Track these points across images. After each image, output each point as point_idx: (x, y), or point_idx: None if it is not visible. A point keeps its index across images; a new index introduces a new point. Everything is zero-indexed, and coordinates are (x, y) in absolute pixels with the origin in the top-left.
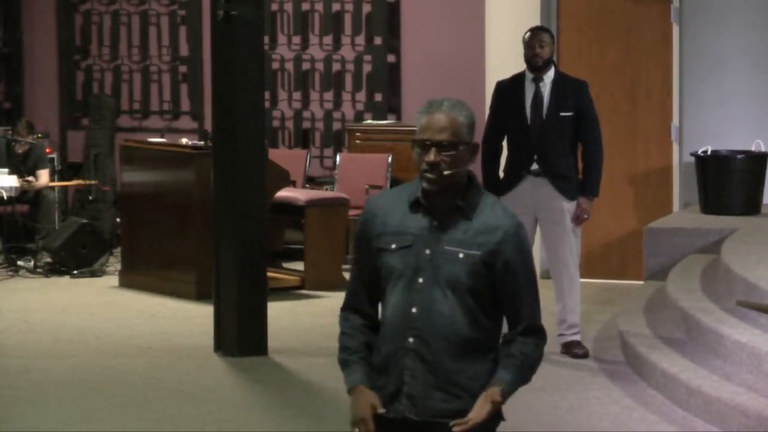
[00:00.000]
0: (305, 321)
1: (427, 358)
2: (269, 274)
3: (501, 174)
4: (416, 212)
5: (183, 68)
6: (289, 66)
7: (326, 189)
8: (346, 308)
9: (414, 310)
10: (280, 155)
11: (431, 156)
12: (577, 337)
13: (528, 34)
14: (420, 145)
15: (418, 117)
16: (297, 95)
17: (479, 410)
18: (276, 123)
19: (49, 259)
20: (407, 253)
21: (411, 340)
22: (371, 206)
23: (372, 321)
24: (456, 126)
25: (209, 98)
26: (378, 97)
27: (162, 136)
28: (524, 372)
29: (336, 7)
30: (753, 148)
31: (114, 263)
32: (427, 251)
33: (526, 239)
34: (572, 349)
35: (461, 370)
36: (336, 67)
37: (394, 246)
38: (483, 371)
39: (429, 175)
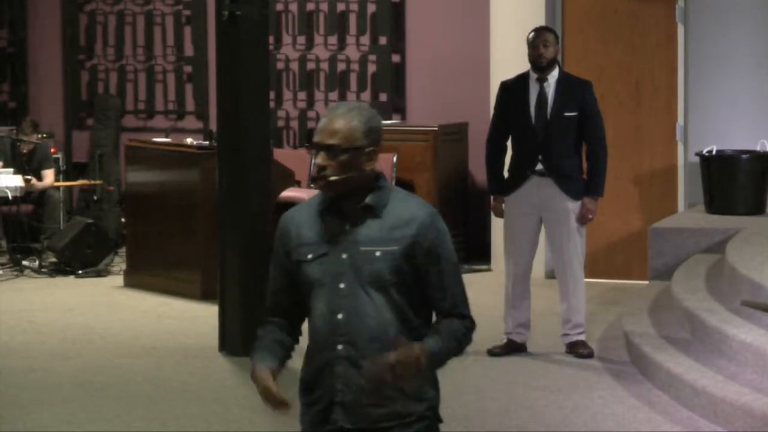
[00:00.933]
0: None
1: (359, 362)
2: None
3: (505, 174)
4: (327, 219)
5: (188, 68)
6: (294, 66)
7: None
8: (265, 322)
9: (340, 316)
10: (284, 155)
11: (318, 159)
12: (582, 337)
13: (532, 34)
14: (314, 148)
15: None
16: (302, 95)
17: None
18: (281, 123)
19: (54, 259)
20: (324, 261)
21: (340, 347)
22: (284, 221)
23: (289, 332)
24: (348, 130)
25: (214, 98)
26: (383, 97)
27: (167, 136)
28: (449, 341)
29: (341, 7)
30: (758, 148)
31: (119, 263)
32: (344, 255)
33: (444, 228)
34: (577, 349)
35: None
36: (341, 67)
37: (310, 256)
38: None
39: (316, 178)
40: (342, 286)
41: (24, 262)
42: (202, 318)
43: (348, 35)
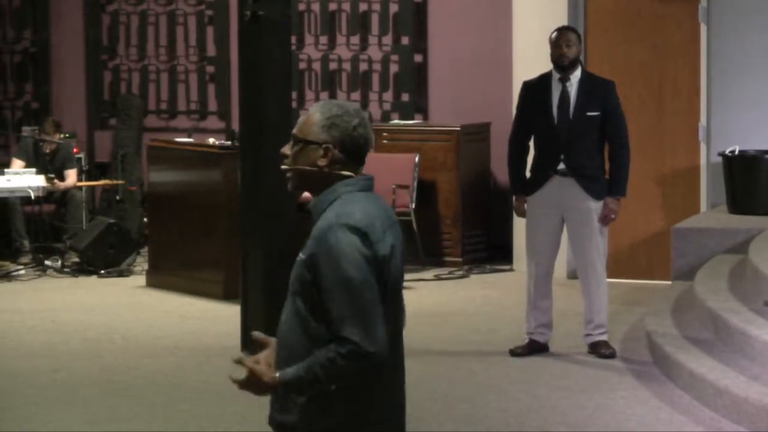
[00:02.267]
0: None
1: (277, 366)
2: None
3: (528, 174)
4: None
5: (210, 68)
6: (316, 66)
7: None
8: None
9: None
10: None
11: (284, 148)
12: (604, 338)
13: (555, 33)
14: None
15: None
16: (324, 95)
17: (242, 377)
18: None
19: (76, 259)
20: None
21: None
22: None
23: None
24: (307, 123)
25: (236, 98)
26: (405, 97)
27: (189, 136)
28: (311, 370)
29: (363, 7)
30: None
31: (141, 263)
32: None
33: (336, 243)
34: (599, 350)
35: None
36: (363, 67)
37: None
38: None
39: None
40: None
41: (47, 262)
42: (224, 318)
43: (370, 35)
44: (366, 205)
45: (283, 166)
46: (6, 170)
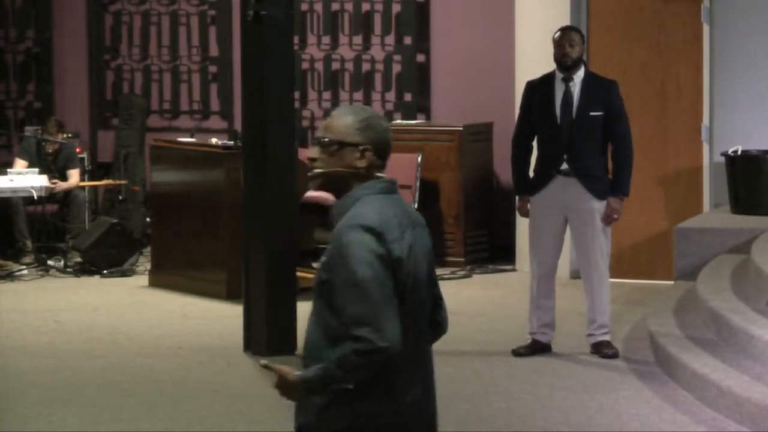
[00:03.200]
0: None
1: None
2: (299, 273)
3: (531, 174)
4: None
5: (213, 68)
6: (319, 66)
7: None
8: None
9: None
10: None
11: (310, 152)
12: (606, 338)
13: (558, 33)
14: None
15: None
16: (327, 95)
17: (281, 371)
18: (306, 123)
19: (79, 259)
20: None
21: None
22: None
23: None
24: (337, 126)
25: (239, 98)
26: (407, 96)
27: (192, 136)
28: (329, 369)
29: (366, 7)
30: None
31: (144, 263)
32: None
33: (350, 242)
34: (602, 350)
35: None
36: (366, 66)
37: None
38: None
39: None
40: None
41: (49, 262)
42: (226, 318)
43: (373, 35)
44: (383, 207)
45: (315, 170)
46: (9, 170)
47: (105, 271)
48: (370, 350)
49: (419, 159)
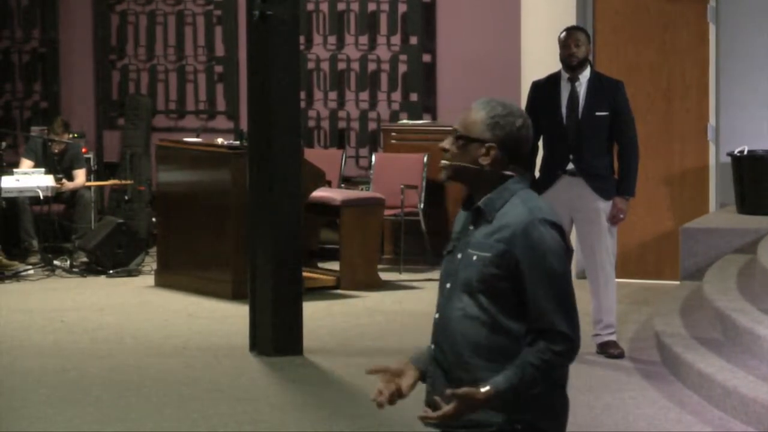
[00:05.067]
0: (340, 321)
1: (444, 366)
2: (305, 273)
3: (537, 174)
4: (465, 216)
5: (219, 68)
6: (325, 66)
7: (362, 189)
8: None
9: (437, 316)
10: (315, 155)
11: (443, 142)
12: (612, 338)
13: (563, 33)
14: None
15: None
16: (332, 95)
17: (450, 406)
18: (312, 123)
19: (85, 259)
20: (448, 258)
21: (433, 347)
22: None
23: None
24: (471, 121)
25: (245, 98)
26: (413, 96)
27: (198, 136)
28: (524, 372)
29: (372, 6)
30: None
31: (150, 263)
32: (459, 255)
33: (540, 237)
34: (608, 349)
35: (478, 379)
36: (371, 66)
37: (445, 251)
38: None
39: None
40: (448, 286)
41: (55, 262)
42: (232, 318)
43: (379, 35)
44: (544, 201)
45: (443, 161)
46: (15, 170)
47: (111, 271)
48: (572, 349)
49: (425, 159)
